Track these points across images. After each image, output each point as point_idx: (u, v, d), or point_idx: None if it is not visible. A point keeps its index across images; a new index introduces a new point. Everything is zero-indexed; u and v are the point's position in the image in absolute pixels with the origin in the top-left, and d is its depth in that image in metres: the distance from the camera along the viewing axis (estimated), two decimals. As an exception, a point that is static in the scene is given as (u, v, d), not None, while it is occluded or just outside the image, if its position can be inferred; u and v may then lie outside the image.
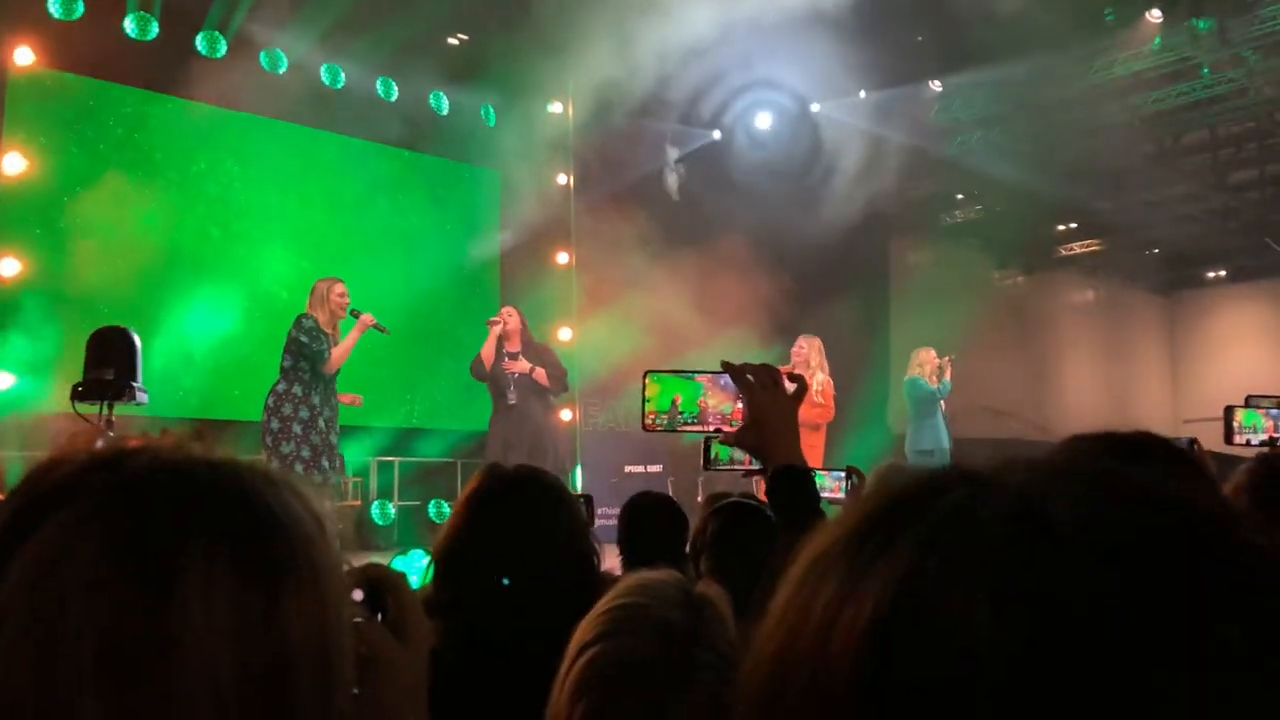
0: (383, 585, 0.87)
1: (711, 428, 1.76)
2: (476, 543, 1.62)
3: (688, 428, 1.76)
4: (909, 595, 0.44)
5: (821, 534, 0.50)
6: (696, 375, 1.77)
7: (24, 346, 8.07)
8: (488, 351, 7.15)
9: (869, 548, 0.46)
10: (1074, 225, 15.45)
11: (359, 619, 0.79)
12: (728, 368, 1.70)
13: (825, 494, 3.25)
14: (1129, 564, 0.43)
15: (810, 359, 7.81)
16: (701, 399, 1.75)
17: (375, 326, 6.29)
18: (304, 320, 6.08)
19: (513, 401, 7.06)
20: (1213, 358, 18.23)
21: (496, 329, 7.18)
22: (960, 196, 14.57)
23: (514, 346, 7.19)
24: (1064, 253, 16.40)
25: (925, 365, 8.81)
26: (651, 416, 1.76)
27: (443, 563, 1.62)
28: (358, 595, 0.83)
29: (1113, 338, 17.83)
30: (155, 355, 8.26)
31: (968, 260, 15.22)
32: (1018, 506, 0.45)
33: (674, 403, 1.75)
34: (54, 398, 7.57)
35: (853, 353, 10.81)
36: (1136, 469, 0.48)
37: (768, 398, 1.66)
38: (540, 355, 7.27)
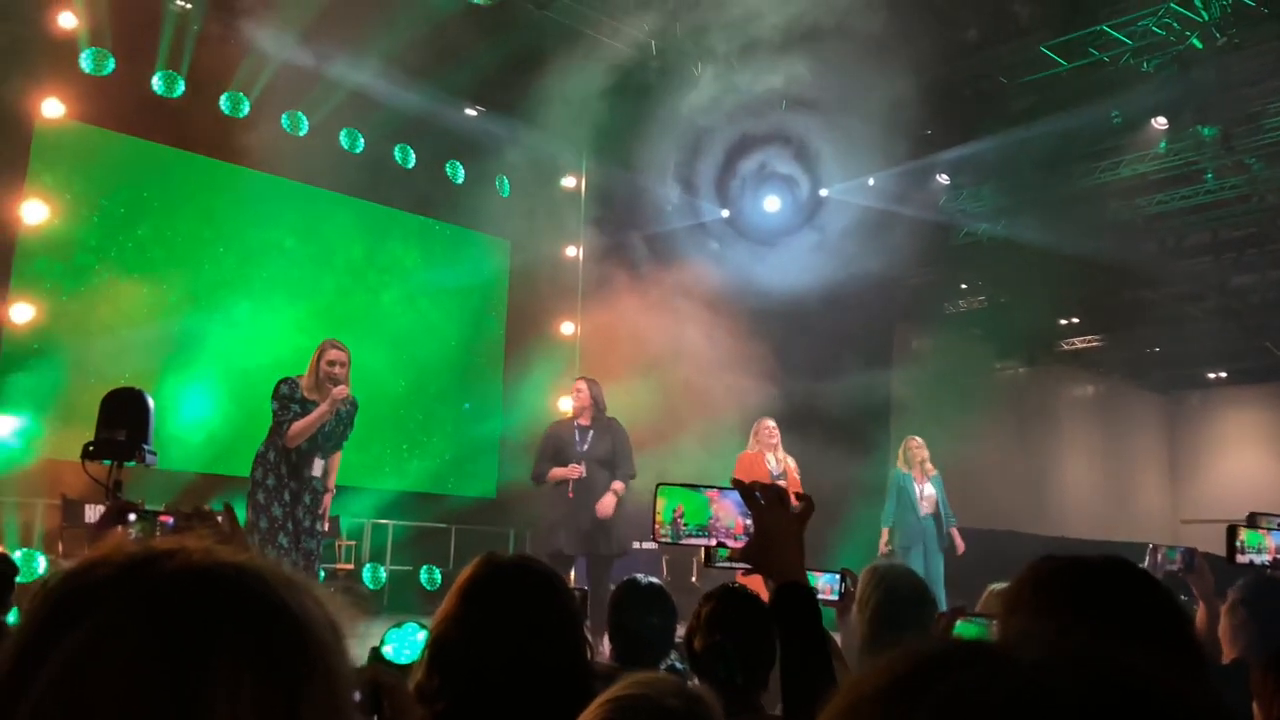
0: (381, 688, 0.91)
1: (715, 541, 1.84)
2: (469, 631, 1.66)
3: (693, 540, 1.85)
4: None
5: (848, 691, 0.54)
6: (705, 490, 1.87)
7: (32, 392, 8.12)
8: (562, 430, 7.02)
9: (891, 711, 0.51)
10: (1075, 320, 15.57)
11: None
12: (738, 485, 1.80)
13: (819, 596, 3.25)
14: None
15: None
16: (711, 513, 1.85)
17: (338, 403, 5.77)
18: (280, 385, 5.82)
19: (580, 475, 6.80)
20: (1211, 458, 18.23)
21: (575, 403, 7.07)
22: (964, 286, 14.71)
23: (585, 421, 6.98)
24: (1065, 347, 16.48)
25: (913, 454, 8.66)
26: (658, 527, 1.86)
27: (435, 649, 1.66)
28: (356, 697, 0.87)
29: (1111, 433, 17.84)
30: (165, 408, 8.30)
31: (969, 349, 15.31)
32: (1026, 690, 0.49)
33: (675, 513, 1.83)
34: (58, 444, 7.62)
35: (853, 436, 10.84)
36: (1143, 658, 0.51)
37: (773, 516, 1.75)
38: (611, 429, 7.00)
